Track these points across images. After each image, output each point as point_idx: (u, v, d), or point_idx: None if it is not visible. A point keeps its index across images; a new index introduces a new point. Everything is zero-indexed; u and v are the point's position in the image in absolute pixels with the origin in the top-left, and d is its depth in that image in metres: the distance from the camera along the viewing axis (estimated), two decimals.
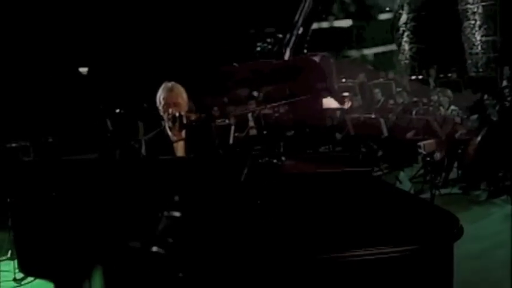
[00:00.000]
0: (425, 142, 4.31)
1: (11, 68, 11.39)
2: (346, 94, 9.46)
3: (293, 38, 7.39)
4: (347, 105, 8.34)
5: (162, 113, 4.01)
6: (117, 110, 12.74)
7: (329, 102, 8.18)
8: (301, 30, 7.01)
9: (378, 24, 15.22)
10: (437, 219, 2.16)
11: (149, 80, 13.78)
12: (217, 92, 11.69)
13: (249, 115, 9.73)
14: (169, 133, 3.99)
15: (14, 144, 11.42)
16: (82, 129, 14.00)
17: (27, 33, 12.48)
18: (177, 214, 2.72)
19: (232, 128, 8.49)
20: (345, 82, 12.64)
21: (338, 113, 9.12)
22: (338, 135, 8.90)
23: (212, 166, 3.30)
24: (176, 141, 4.00)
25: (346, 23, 15.77)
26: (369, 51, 15.46)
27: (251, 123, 9.70)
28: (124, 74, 14.72)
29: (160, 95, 3.96)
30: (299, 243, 2.11)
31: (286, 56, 7.86)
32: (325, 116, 8.73)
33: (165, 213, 2.71)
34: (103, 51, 15.14)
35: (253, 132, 9.72)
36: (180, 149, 4.02)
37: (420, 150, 4.34)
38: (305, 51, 10.88)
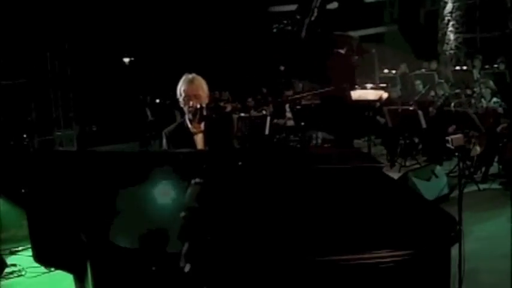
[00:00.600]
0: (453, 136, 4.12)
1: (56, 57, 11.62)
2: (383, 85, 9.26)
3: (309, 19, 7.25)
4: (384, 96, 8.14)
5: (182, 105, 4.02)
6: (157, 100, 12.89)
7: (366, 94, 8.00)
8: (316, 12, 6.85)
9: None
10: (435, 221, 2.05)
11: (187, 70, 13.95)
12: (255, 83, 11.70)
13: (287, 105, 9.67)
14: (189, 125, 4.01)
15: (58, 133, 11.76)
16: (123, 118, 14.27)
17: (76, 25, 12.70)
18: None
19: (268, 118, 8.45)
20: (386, 73, 12.39)
21: (377, 104, 8.94)
22: (381, 119, 8.65)
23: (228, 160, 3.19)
24: (196, 133, 4.03)
25: None
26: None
27: (288, 114, 9.64)
28: (165, 65, 14.85)
29: (180, 87, 3.96)
30: (292, 245, 2.05)
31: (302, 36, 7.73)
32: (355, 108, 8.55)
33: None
34: (146, 41, 15.31)
35: (290, 122, 9.66)
36: (199, 141, 4.03)
37: (448, 145, 4.16)
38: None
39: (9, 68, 11.49)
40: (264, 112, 9.10)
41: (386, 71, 12.57)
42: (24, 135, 7.39)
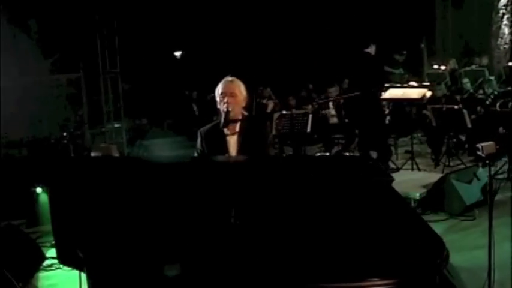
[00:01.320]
0: (484, 144, 3.97)
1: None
2: (427, 83, 9.08)
3: None
4: (428, 95, 7.99)
5: (218, 105, 4.10)
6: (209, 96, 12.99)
7: (409, 92, 7.90)
8: None
9: None
10: (423, 248, 2.00)
11: (234, 65, 14.05)
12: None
13: (330, 104, 9.65)
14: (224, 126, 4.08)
15: (108, 126, 12.03)
16: (172, 112, 14.52)
17: (127, 18, 12.93)
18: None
19: (310, 116, 8.43)
20: (436, 68, 12.14)
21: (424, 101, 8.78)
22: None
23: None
24: (229, 134, 4.09)
25: None
26: None
27: (332, 112, 9.62)
28: (214, 60, 14.95)
29: (219, 86, 4.06)
30: (282, 271, 2.08)
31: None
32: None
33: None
34: (197, 35, 15.45)
35: (333, 120, 9.64)
36: (232, 143, 4.09)
37: (479, 153, 4.04)
38: None
39: (64, 62, 11.89)
40: (306, 109, 9.09)
41: (436, 66, 12.32)
42: (64, 134, 7.60)
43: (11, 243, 4.68)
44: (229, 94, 3.98)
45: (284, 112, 8.64)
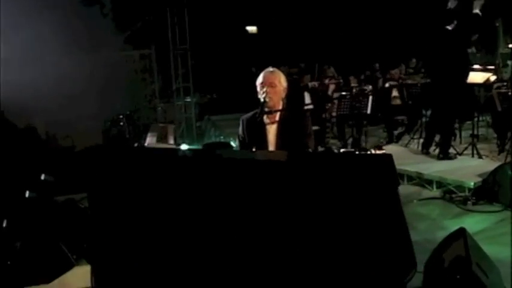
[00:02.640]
0: None
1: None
2: (491, 67, 8.71)
3: None
4: (492, 79, 7.69)
5: (259, 95, 4.21)
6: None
7: (472, 77, 7.61)
8: None
9: None
10: (391, 265, 2.01)
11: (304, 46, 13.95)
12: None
13: (393, 84, 9.48)
14: (264, 115, 4.19)
15: (178, 102, 12.34)
16: (241, 87, 14.64)
17: None
18: None
19: (371, 97, 8.36)
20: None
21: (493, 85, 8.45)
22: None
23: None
24: (269, 123, 4.19)
25: None
26: None
27: (395, 93, 9.47)
28: (285, 37, 14.85)
29: (260, 76, 4.16)
30: None
31: None
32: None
33: None
34: (271, 11, 15.41)
35: (396, 102, 9.49)
36: (272, 132, 4.18)
37: None
38: None
39: (137, 38, 12.29)
40: (366, 90, 8.99)
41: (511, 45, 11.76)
42: (121, 116, 7.75)
43: (68, 217, 4.99)
44: (268, 84, 4.08)
45: (344, 93, 8.61)
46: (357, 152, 3.35)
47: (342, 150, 3.37)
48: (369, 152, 3.26)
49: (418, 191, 6.82)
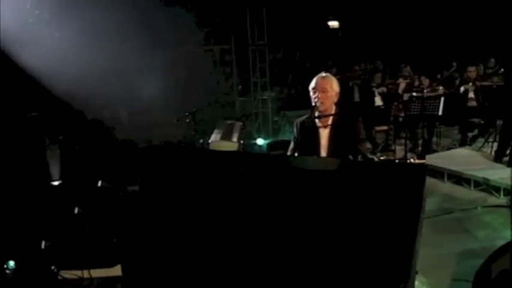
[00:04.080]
0: None
1: None
2: None
3: None
4: None
5: (312, 98, 4.34)
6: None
7: None
8: None
9: None
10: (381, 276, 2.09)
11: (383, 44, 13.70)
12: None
13: (469, 85, 9.23)
14: (316, 119, 4.31)
15: (256, 96, 12.56)
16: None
17: None
18: None
19: (442, 99, 8.20)
20: None
21: None
22: None
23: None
24: (321, 127, 4.31)
25: None
26: None
27: (471, 94, 9.21)
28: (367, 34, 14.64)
29: (313, 81, 4.30)
30: None
31: None
32: None
33: None
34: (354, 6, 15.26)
35: (472, 103, 9.23)
36: (324, 135, 4.28)
37: None
38: None
39: (217, 34, 12.64)
40: (438, 91, 8.81)
41: None
42: (187, 113, 7.88)
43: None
44: (320, 89, 4.20)
45: (414, 94, 8.50)
46: (396, 161, 3.41)
47: (381, 158, 3.42)
48: (408, 161, 3.32)
49: (484, 197, 6.67)
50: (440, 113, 8.23)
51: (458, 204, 6.48)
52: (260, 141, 10.57)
